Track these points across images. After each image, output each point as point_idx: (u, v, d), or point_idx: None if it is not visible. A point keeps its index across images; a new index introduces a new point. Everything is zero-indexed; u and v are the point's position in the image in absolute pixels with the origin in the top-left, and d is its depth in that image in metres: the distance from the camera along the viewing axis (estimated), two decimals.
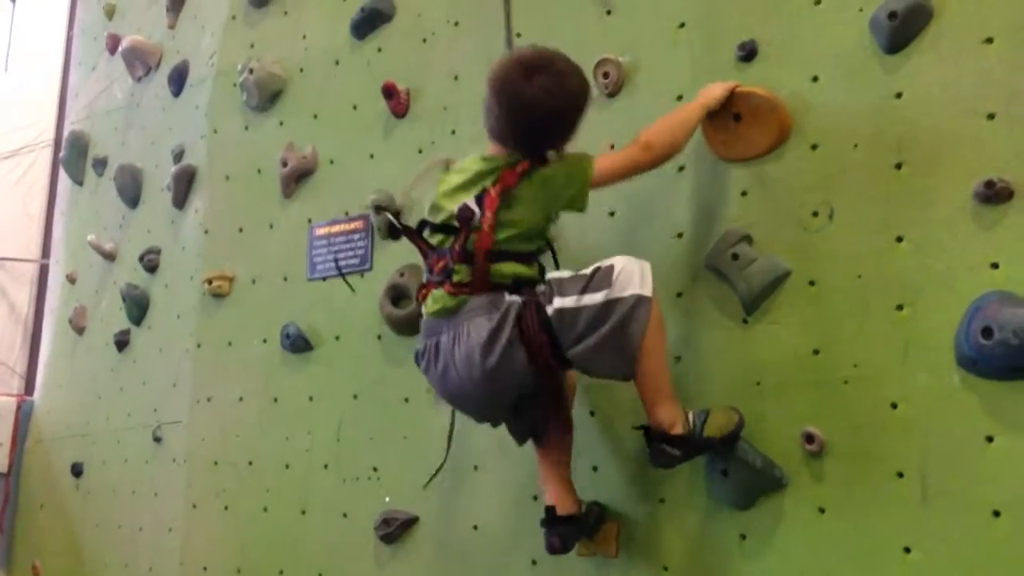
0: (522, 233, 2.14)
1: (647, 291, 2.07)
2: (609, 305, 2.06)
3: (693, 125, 2.27)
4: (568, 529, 2.28)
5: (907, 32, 2.15)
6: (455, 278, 2.13)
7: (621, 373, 2.12)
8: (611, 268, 2.09)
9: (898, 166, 2.13)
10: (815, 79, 2.28)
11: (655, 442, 2.13)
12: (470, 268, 2.12)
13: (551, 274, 2.18)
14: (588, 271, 2.12)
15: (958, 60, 2.09)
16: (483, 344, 2.06)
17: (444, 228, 2.19)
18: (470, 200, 2.12)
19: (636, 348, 2.07)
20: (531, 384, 2.13)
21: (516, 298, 2.10)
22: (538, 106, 2.08)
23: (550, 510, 2.29)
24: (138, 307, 4.06)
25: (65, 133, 5.08)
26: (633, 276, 2.08)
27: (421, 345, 2.24)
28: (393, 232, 2.37)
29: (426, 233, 2.23)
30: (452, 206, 2.15)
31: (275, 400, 3.35)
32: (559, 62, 2.14)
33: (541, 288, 2.13)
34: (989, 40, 2.05)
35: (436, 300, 2.17)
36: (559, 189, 2.15)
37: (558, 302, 2.08)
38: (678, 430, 2.11)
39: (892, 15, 2.14)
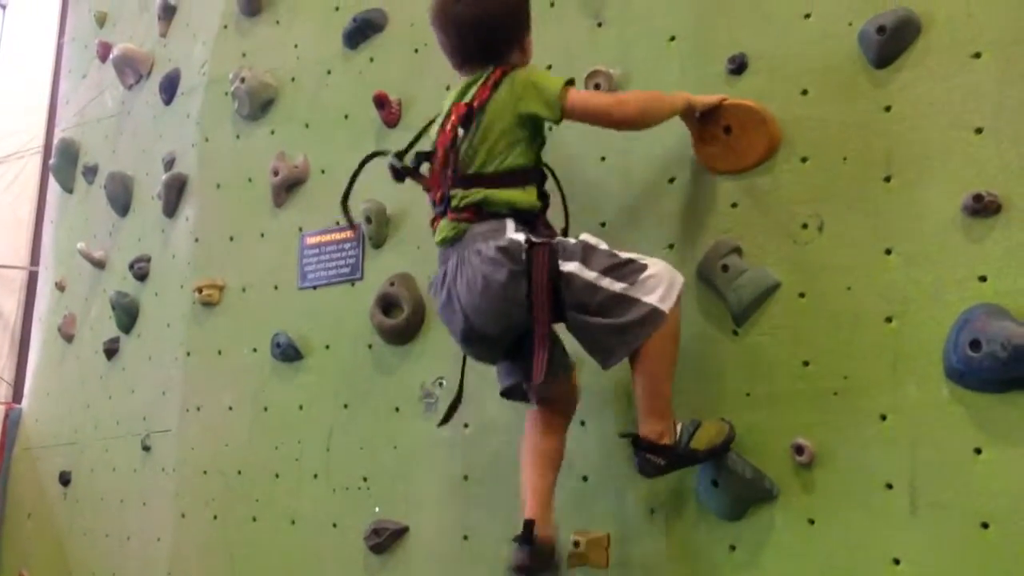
0: (496, 145, 2.13)
1: (666, 306, 2.06)
2: (621, 300, 2.06)
3: (670, 109, 2.26)
4: (540, 554, 2.20)
5: (896, 46, 2.17)
6: (453, 203, 2.16)
7: (603, 362, 2.13)
8: (644, 267, 2.09)
9: (887, 179, 2.15)
10: (805, 92, 2.30)
11: (640, 450, 2.13)
12: (463, 193, 2.14)
13: (585, 235, 2.17)
14: (622, 255, 2.11)
15: (946, 74, 2.11)
16: (485, 274, 2.08)
17: (426, 156, 2.25)
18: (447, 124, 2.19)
19: (625, 352, 2.08)
20: (524, 321, 2.10)
21: (520, 236, 2.09)
22: (472, 16, 2.18)
23: (530, 524, 2.19)
24: (128, 315, 4.04)
25: (55, 140, 5.06)
26: (659, 286, 2.07)
27: (436, 275, 2.27)
28: (397, 175, 2.37)
29: (424, 168, 2.28)
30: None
31: (265, 409, 3.35)
32: None
33: (560, 237, 2.14)
34: (977, 55, 2.08)
35: (441, 229, 2.21)
36: (529, 90, 2.14)
37: (575, 267, 2.08)
38: (664, 440, 2.11)
39: (881, 29, 2.16)
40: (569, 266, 2.08)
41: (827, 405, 2.14)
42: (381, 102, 3.14)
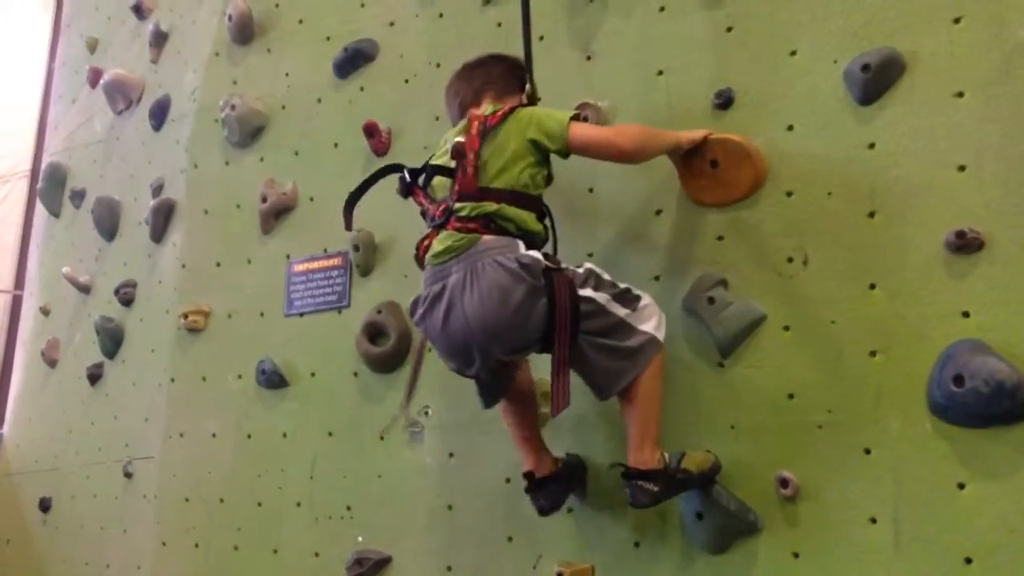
0: (507, 163, 2.17)
1: (660, 335, 2.16)
2: (624, 326, 2.13)
3: (662, 144, 2.30)
4: (552, 488, 2.34)
5: (880, 84, 2.20)
6: (461, 213, 2.15)
7: (605, 390, 2.16)
8: (639, 297, 2.19)
9: (871, 215, 2.17)
10: (790, 128, 2.33)
11: (632, 480, 2.12)
12: (473, 204, 2.14)
13: (589, 264, 2.22)
14: (620, 285, 2.18)
15: (930, 113, 2.14)
16: (503, 287, 2.03)
17: (443, 171, 2.24)
18: (460, 137, 2.20)
19: (630, 376, 2.11)
20: (535, 342, 2.09)
21: (539, 255, 2.10)
22: (474, 78, 2.38)
23: (529, 475, 2.34)
24: (112, 340, 4.02)
25: (43, 164, 5.05)
26: (653, 316, 2.18)
27: (423, 293, 2.21)
28: (402, 188, 2.38)
29: (429, 189, 2.30)
30: (445, 156, 2.24)
31: (248, 436, 3.33)
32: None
33: (570, 268, 2.16)
34: (960, 94, 2.11)
35: (443, 240, 2.16)
36: (538, 119, 2.20)
37: (590, 292, 2.13)
38: (656, 466, 2.11)
39: (866, 67, 2.20)
40: (586, 291, 2.12)
41: (812, 438, 2.15)
42: (371, 131, 3.16)
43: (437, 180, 2.26)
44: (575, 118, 2.20)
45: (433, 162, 2.30)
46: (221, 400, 3.44)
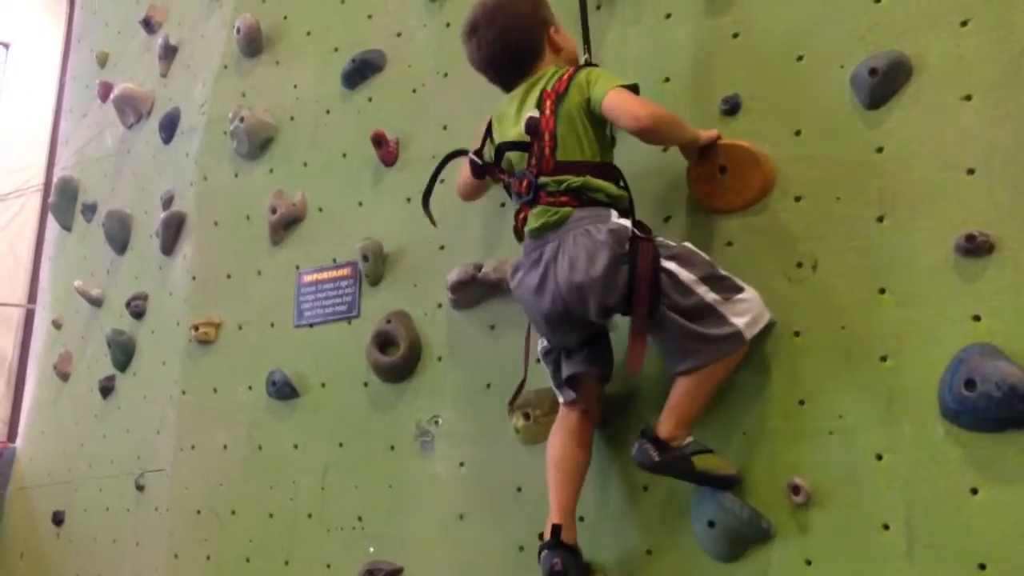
0: (577, 132, 2.21)
1: (749, 333, 2.14)
2: (711, 311, 2.13)
3: (681, 134, 2.31)
4: (570, 558, 2.25)
5: (888, 88, 2.19)
6: (549, 188, 2.21)
7: (673, 364, 2.18)
8: (740, 288, 2.17)
9: (880, 219, 2.16)
10: (798, 133, 2.32)
11: (644, 438, 2.14)
12: (556, 178, 2.20)
13: (687, 244, 2.25)
14: (720, 269, 2.19)
15: (938, 116, 2.13)
16: (591, 252, 2.11)
17: (518, 146, 2.28)
18: (532, 110, 2.25)
19: (700, 362, 2.12)
20: (618, 306, 2.14)
21: (627, 223, 2.16)
22: (492, 41, 2.34)
23: (557, 529, 2.26)
24: (124, 353, 4.04)
25: (55, 179, 5.09)
26: (749, 313, 2.15)
27: (522, 261, 2.29)
28: (476, 171, 2.43)
29: (504, 163, 2.33)
30: (516, 129, 2.27)
31: (259, 448, 3.33)
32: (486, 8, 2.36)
33: (663, 240, 2.20)
34: (968, 97, 2.10)
35: (538, 216, 2.23)
36: (591, 82, 2.23)
37: (675, 267, 2.14)
38: (670, 441, 2.12)
39: (873, 71, 2.19)
40: (669, 264, 2.14)
41: (823, 444, 2.14)
42: (379, 141, 3.17)
43: (513, 154, 2.30)
44: (627, 87, 2.23)
45: (501, 138, 2.34)
46: (232, 412, 3.45)
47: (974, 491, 1.93)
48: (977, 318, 1.99)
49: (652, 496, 2.35)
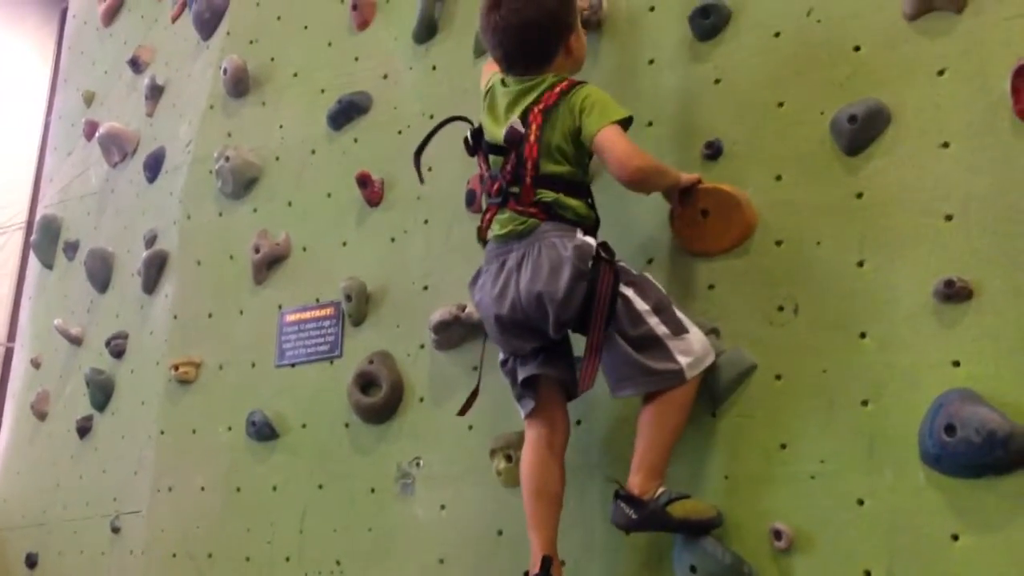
0: (560, 150, 2.23)
1: (690, 373, 2.15)
2: (657, 344, 2.14)
3: (664, 182, 2.34)
4: None
5: (867, 135, 2.22)
6: (520, 198, 2.23)
7: (613, 386, 2.22)
8: (687, 329, 2.18)
9: (860, 264, 2.18)
10: (779, 178, 2.35)
11: (618, 500, 2.12)
12: (536, 190, 2.22)
13: (647, 274, 2.28)
14: (674, 308, 2.20)
15: (916, 163, 2.16)
16: (554, 266, 2.14)
17: (496, 149, 2.29)
18: (515, 121, 2.24)
19: (635, 390, 2.16)
20: (572, 320, 2.16)
21: (592, 242, 2.19)
22: (516, 23, 2.26)
23: (547, 562, 2.19)
24: (102, 393, 4.00)
25: (38, 217, 5.07)
26: (693, 353, 2.16)
27: (484, 267, 2.32)
28: (469, 148, 2.41)
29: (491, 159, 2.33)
30: (499, 129, 2.28)
31: (238, 490, 3.29)
32: None
33: (624, 265, 2.23)
34: (945, 144, 2.13)
35: (504, 223, 2.26)
36: (589, 107, 2.22)
37: (631, 294, 2.17)
38: (644, 495, 2.11)
39: (852, 118, 2.22)
40: (627, 290, 2.17)
41: (805, 489, 2.13)
42: (364, 181, 3.18)
43: (492, 157, 2.32)
44: (624, 121, 2.24)
45: (487, 132, 2.34)
46: (210, 453, 3.41)
47: (955, 537, 1.92)
48: (957, 363, 2.00)
49: (635, 541, 2.33)
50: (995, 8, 2.12)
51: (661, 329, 2.16)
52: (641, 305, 2.17)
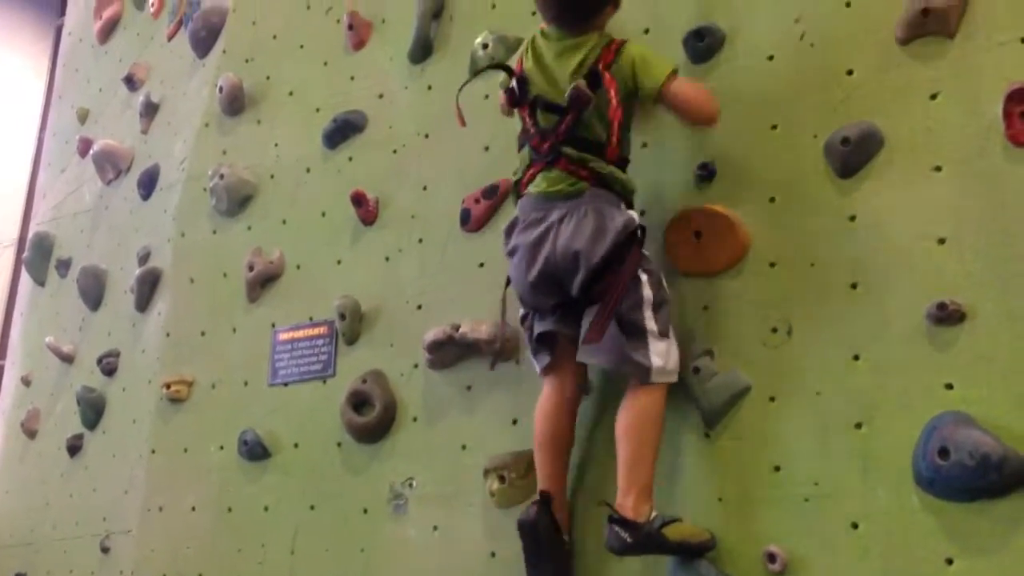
0: (611, 117, 2.27)
1: (656, 377, 2.18)
2: (642, 336, 2.19)
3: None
4: (547, 519, 2.27)
5: (859, 158, 2.23)
6: (573, 157, 2.26)
7: (587, 348, 2.23)
8: (670, 336, 2.23)
9: (853, 286, 2.18)
10: (772, 200, 2.36)
11: (612, 523, 2.12)
12: (583, 154, 2.25)
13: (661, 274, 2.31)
14: (667, 310, 2.25)
15: (909, 186, 2.17)
16: (597, 228, 2.19)
17: (553, 108, 2.30)
18: (581, 83, 2.24)
19: (604, 366, 2.26)
20: (596, 285, 2.20)
21: (636, 219, 2.26)
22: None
23: (545, 495, 2.28)
24: (93, 411, 3.97)
25: (30, 234, 5.05)
26: (666, 359, 2.20)
27: (521, 216, 2.33)
28: (511, 100, 2.40)
29: (538, 114, 2.33)
30: (550, 84, 2.30)
31: (229, 510, 3.27)
32: None
33: (647, 255, 2.28)
34: (938, 168, 2.14)
35: (553, 181, 2.28)
36: (641, 63, 2.29)
37: (644, 281, 2.22)
38: (639, 519, 2.10)
39: (845, 141, 2.23)
40: (642, 276, 2.23)
41: (799, 512, 2.12)
42: (359, 200, 3.18)
43: (542, 113, 2.32)
44: (674, 72, 2.30)
45: (538, 89, 2.33)
46: (202, 472, 3.39)
47: (949, 561, 1.92)
48: (950, 386, 2.00)
49: (627, 565, 2.31)
50: (986, 33, 2.15)
51: (651, 324, 2.19)
52: (647, 294, 2.21)
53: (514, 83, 2.39)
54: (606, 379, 2.44)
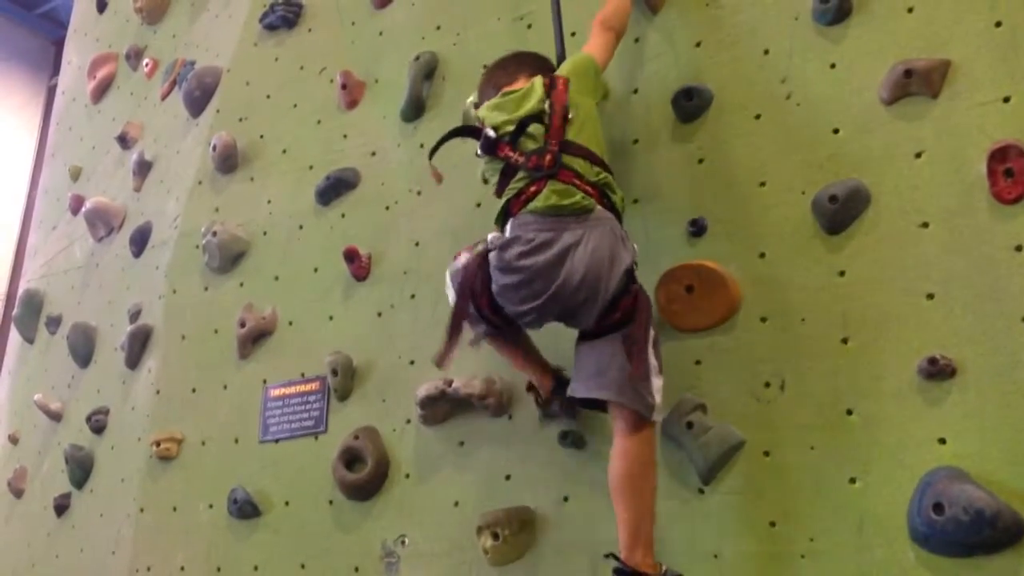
0: (595, 139, 2.35)
1: (653, 412, 2.16)
2: (647, 373, 2.17)
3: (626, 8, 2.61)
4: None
5: (847, 215, 2.27)
6: (576, 169, 2.27)
7: (588, 384, 2.23)
8: (662, 375, 2.21)
9: (844, 340, 2.20)
10: (762, 255, 2.39)
11: (624, 575, 2.09)
12: (581, 161, 2.28)
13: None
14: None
15: (897, 242, 2.20)
16: (614, 253, 2.18)
17: (537, 118, 2.33)
18: (540, 99, 2.34)
19: (607, 399, 2.19)
20: (604, 309, 2.19)
21: (635, 249, 2.28)
22: (495, 73, 2.57)
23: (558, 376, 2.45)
24: (81, 469, 3.93)
25: (20, 290, 5.04)
26: (659, 395, 2.18)
27: (525, 235, 2.23)
28: (487, 147, 2.41)
29: (519, 143, 2.35)
30: (529, 105, 2.36)
31: (218, 570, 3.22)
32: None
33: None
34: (925, 224, 2.18)
35: (561, 193, 2.24)
36: (579, 70, 2.43)
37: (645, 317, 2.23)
38: (649, 571, 2.07)
39: (833, 198, 2.27)
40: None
41: (795, 568, 2.12)
42: (351, 256, 3.20)
43: (532, 127, 2.34)
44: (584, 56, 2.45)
45: (499, 122, 2.38)
46: (191, 531, 3.34)
47: None
48: (943, 441, 2.01)
49: None
50: (969, 94, 2.20)
51: (653, 361, 2.18)
52: (651, 331, 2.21)
53: (488, 131, 2.41)
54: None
